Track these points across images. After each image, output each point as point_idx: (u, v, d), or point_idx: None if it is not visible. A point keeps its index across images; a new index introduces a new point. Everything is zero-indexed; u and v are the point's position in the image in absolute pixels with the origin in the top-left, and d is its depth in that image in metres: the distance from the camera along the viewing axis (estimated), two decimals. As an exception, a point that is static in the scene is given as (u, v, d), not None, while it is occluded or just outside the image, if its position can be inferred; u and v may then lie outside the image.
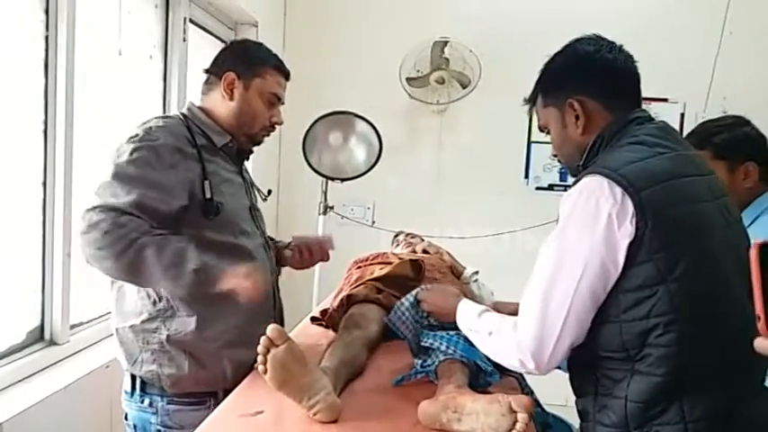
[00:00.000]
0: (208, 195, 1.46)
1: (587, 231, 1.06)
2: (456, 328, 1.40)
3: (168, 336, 1.46)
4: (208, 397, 1.48)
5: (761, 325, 0.52)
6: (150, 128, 1.46)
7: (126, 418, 1.55)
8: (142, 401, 1.50)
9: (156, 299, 1.46)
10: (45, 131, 1.86)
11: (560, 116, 1.24)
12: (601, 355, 1.12)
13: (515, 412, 1.16)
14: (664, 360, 1.05)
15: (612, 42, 1.25)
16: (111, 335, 2.13)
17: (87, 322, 2.13)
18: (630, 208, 1.03)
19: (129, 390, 1.52)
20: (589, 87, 1.22)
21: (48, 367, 1.86)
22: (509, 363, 1.18)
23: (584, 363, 1.16)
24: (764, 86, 3.05)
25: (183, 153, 1.45)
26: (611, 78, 1.23)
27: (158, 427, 1.49)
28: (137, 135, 1.44)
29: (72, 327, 2.00)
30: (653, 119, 1.23)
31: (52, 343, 1.92)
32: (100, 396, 1.95)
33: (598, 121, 1.21)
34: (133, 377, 1.51)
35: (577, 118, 1.21)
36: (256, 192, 1.75)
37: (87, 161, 2.01)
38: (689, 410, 1.06)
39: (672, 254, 1.04)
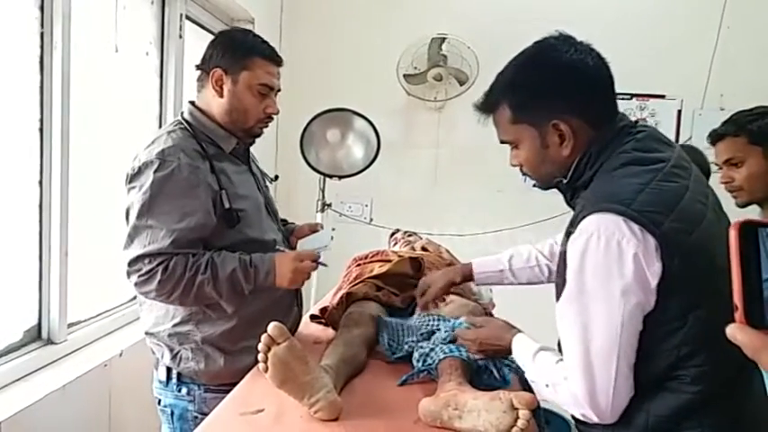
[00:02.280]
0: (227, 205, 1.48)
1: (616, 276, 0.98)
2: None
3: (203, 337, 1.51)
4: None
5: (738, 315, 0.49)
6: (163, 151, 1.44)
7: (159, 404, 1.60)
8: (179, 390, 1.56)
9: None
10: (41, 129, 1.84)
11: (538, 135, 1.14)
12: None
13: (517, 409, 1.16)
14: (698, 379, 1.02)
15: (583, 44, 1.15)
16: (109, 333, 2.17)
17: (85, 321, 2.11)
18: (653, 244, 0.98)
19: (163, 379, 1.57)
20: (576, 105, 1.12)
21: (45, 366, 1.85)
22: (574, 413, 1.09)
23: None
24: (762, 83, 3.04)
25: (199, 169, 1.46)
26: (597, 92, 1.14)
27: (195, 414, 1.54)
28: (151, 162, 1.43)
29: (70, 325, 1.99)
30: (635, 124, 1.16)
31: (50, 342, 1.91)
32: (98, 395, 1.95)
33: (584, 138, 1.12)
34: (169, 369, 1.55)
35: (561, 138, 1.12)
36: (266, 180, 1.76)
37: (84, 159, 2.00)
38: (705, 418, 1.04)
39: (698, 283, 1.00)
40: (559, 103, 1.13)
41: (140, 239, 1.41)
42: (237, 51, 1.55)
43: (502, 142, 1.23)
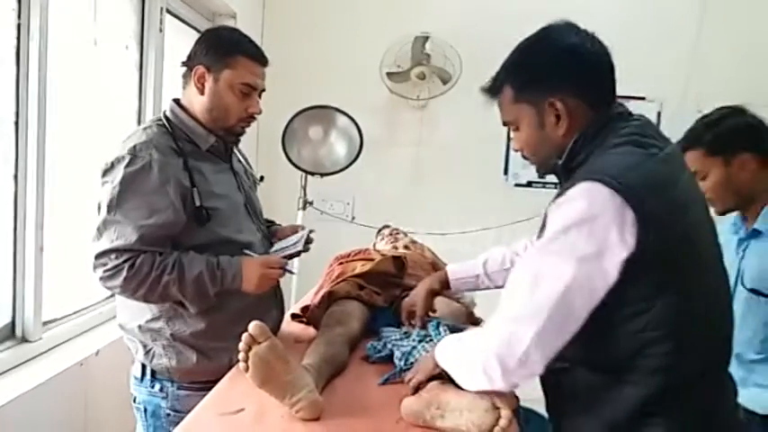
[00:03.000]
0: (197, 203, 1.47)
1: (583, 241, 0.99)
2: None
3: (173, 334, 1.50)
4: (216, 383, 1.49)
5: None
6: (135, 146, 1.44)
7: (134, 401, 1.59)
8: (153, 386, 1.55)
9: None
10: (17, 123, 1.80)
11: (536, 114, 1.16)
12: (587, 367, 1.09)
13: (498, 408, 1.15)
14: (661, 370, 1.03)
15: (587, 31, 1.18)
16: (85, 332, 2.13)
17: (60, 319, 2.08)
18: (632, 220, 0.98)
19: (138, 375, 1.57)
20: (574, 85, 1.14)
21: (19, 365, 1.81)
22: (476, 381, 1.08)
23: (563, 370, 1.10)
24: (740, 84, 3.08)
25: (171, 165, 1.46)
26: (596, 74, 1.16)
27: (168, 411, 1.54)
28: (123, 157, 1.43)
29: (45, 323, 1.95)
30: (632, 113, 1.19)
31: (24, 340, 1.87)
32: (74, 395, 1.91)
33: (580, 119, 1.14)
34: (143, 365, 1.55)
35: (558, 117, 1.14)
36: (251, 179, 1.75)
37: (60, 153, 1.96)
38: (670, 412, 1.05)
39: (671, 268, 1.02)
40: (556, 81, 1.14)
41: (108, 234, 1.41)
42: (221, 49, 1.53)
43: (504, 124, 1.25)
